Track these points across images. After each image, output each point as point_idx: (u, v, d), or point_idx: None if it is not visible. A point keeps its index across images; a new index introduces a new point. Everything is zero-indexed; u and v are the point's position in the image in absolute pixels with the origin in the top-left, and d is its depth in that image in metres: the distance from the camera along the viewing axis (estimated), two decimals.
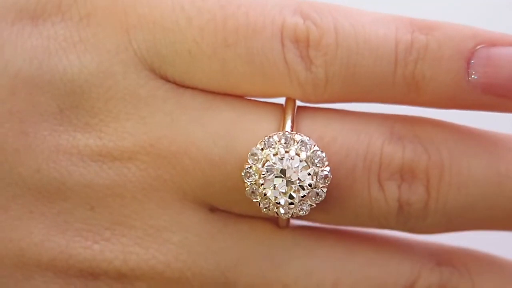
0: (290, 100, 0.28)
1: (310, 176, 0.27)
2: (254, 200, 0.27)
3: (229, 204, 0.28)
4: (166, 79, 0.27)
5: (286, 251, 0.28)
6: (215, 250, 0.28)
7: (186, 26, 0.27)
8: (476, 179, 0.27)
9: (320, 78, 0.27)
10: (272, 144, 0.27)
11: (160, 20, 0.27)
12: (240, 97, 0.28)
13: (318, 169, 0.27)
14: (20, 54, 0.26)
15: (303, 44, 0.27)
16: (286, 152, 0.27)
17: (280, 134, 0.27)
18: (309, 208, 0.27)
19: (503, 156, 0.28)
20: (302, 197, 0.27)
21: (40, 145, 0.27)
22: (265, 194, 0.27)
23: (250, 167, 0.27)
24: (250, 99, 0.28)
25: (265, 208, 0.27)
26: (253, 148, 0.27)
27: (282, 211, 0.27)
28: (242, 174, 0.27)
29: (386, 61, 0.27)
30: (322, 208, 0.28)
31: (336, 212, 0.28)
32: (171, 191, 0.27)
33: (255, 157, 0.27)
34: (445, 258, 0.29)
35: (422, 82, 0.27)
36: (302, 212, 0.27)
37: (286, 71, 0.27)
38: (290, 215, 0.27)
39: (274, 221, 0.29)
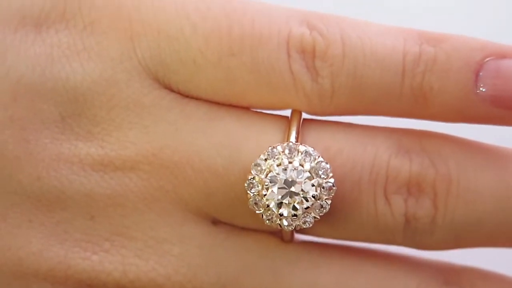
0: (296, 112, 0.28)
1: (314, 187, 0.26)
2: (257, 212, 0.27)
3: (232, 216, 0.27)
4: (170, 89, 0.27)
5: (289, 265, 0.27)
6: (216, 262, 0.27)
7: (191, 34, 0.27)
8: (484, 193, 0.27)
9: (326, 89, 0.27)
10: (276, 155, 0.26)
11: (165, 28, 0.27)
12: (245, 108, 0.28)
13: (322, 181, 0.26)
14: (22, 61, 0.26)
15: (309, 55, 0.27)
16: (290, 162, 0.26)
17: (284, 145, 0.26)
18: (313, 220, 0.27)
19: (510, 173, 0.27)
20: (306, 208, 0.26)
21: (41, 153, 0.26)
22: (268, 206, 0.26)
23: (253, 178, 0.26)
24: (255, 111, 0.28)
25: (268, 220, 0.27)
26: (257, 159, 0.26)
27: (285, 223, 0.26)
28: (245, 185, 0.26)
29: (393, 72, 0.27)
30: (327, 220, 0.27)
31: (341, 225, 0.27)
32: (173, 202, 0.27)
33: (258, 168, 0.26)
34: (452, 277, 0.28)
35: (430, 94, 0.27)
36: (306, 225, 0.27)
37: (291, 82, 0.27)
38: (293, 227, 0.27)
39: (278, 235, 0.28)
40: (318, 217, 0.27)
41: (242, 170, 0.27)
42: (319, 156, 0.26)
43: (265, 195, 0.26)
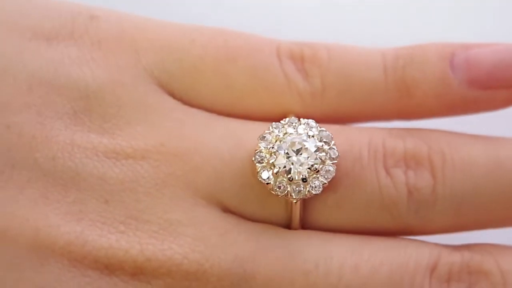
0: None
1: (319, 149, 0.28)
2: (266, 182, 0.28)
3: (241, 202, 0.28)
4: (173, 96, 0.29)
5: (302, 242, 0.28)
6: (231, 242, 0.27)
7: (191, 46, 0.30)
8: (477, 162, 0.28)
9: (317, 87, 0.29)
10: (279, 127, 0.28)
11: (167, 43, 0.30)
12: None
13: (326, 146, 0.28)
14: (37, 60, 0.28)
15: (299, 60, 0.30)
16: (295, 130, 0.28)
17: (286, 119, 0.28)
18: (321, 186, 0.28)
19: (501, 144, 0.29)
20: (314, 171, 0.27)
21: (55, 137, 0.28)
22: (277, 172, 0.27)
23: (260, 151, 0.28)
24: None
25: (278, 188, 0.27)
26: (262, 134, 0.28)
27: (295, 188, 0.27)
28: (253, 159, 0.28)
29: (376, 69, 0.30)
30: (335, 198, 0.28)
31: (348, 203, 0.28)
32: (184, 187, 0.28)
33: (265, 140, 0.28)
34: (462, 247, 0.28)
35: (412, 84, 0.29)
36: (314, 191, 0.27)
37: (285, 82, 0.29)
38: (303, 194, 0.27)
39: (287, 226, 0.28)
40: (326, 182, 0.28)
41: (247, 156, 0.28)
42: (320, 127, 0.28)
43: (273, 161, 0.27)
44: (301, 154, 0.27)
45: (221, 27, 0.31)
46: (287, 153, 0.27)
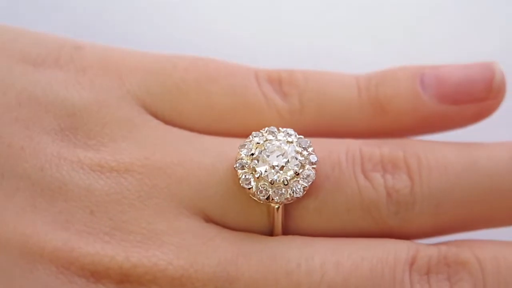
0: None
1: (299, 154, 0.29)
2: (248, 187, 0.28)
3: (224, 211, 0.29)
4: (156, 117, 0.30)
5: (284, 244, 0.28)
6: (214, 249, 0.28)
7: (173, 69, 0.31)
8: (452, 162, 0.30)
9: (295, 105, 0.31)
10: (259, 135, 0.29)
11: (149, 68, 0.31)
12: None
13: (305, 151, 0.29)
14: (25, 79, 0.29)
15: (276, 82, 0.31)
16: (274, 137, 0.29)
17: (266, 128, 0.29)
18: (302, 189, 0.28)
19: (474, 146, 0.30)
20: (295, 174, 0.28)
21: (43, 150, 0.28)
22: (258, 176, 0.28)
23: (242, 158, 0.29)
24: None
25: (260, 192, 0.28)
26: (242, 142, 0.29)
27: (277, 192, 0.28)
28: (235, 166, 0.29)
29: (350, 88, 0.31)
30: (316, 205, 0.29)
31: (329, 207, 0.29)
32: (167, 199, 0.28)
33: (245, 147, 0.29)
34: (438, 242, 0.29)
35: (385, 101, 0.31)
36: (296, 194, 0.28)
37: (264, 101, 0.31)
38: (285, 198, 0.28)
39: (269, 234, 0.29)
40: (307, 185, 0.28)
41: (229, 165, 0.29)
42: (298, 135, 0.29)
43: (254, 166, 0.28)
44: (281, 158, 0.28)
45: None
46: (268, 157, 0.28)
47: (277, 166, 0.28)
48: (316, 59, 0.38)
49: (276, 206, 0.28)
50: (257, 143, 0.29)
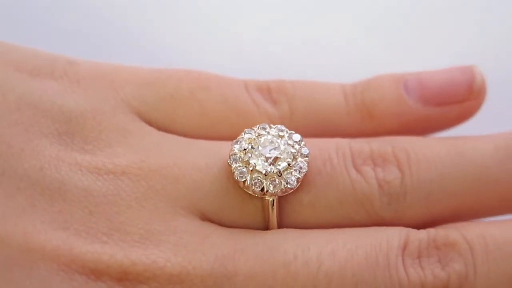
0: None
1: (291, 147, 0.29)
2: (242, 181, 0.29)
3: (219, 208, 0.29)
4: (150, 124, 0.31)
5: (279, 237, 0.29)
6: (211, 245, 0.28)
7: (167, 79, 0.32)
8: (440, 154, 0.30)
9: (285, 112, 0.32)
10: (252, 132, 0.30)
11: (143, 79, 0.32)
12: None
13: (297, 144, 0.29)
14: (23, 86, 0.30)
15: (265, 92, 0.32)
16: (266, 132, 0.30)
17: (258, 125, 0.30)
18: (295, 180, 0.29)
19: (461, 138, 0.31)
20: (288, 165, 0.29)
21: (42, 151, 0.29)
22: (253, 168, 0.29)
23: (235, 153, 0.29)
24: None
25: (254, 184, 0.28)
26: (236, 139, 0.30)
27: (271, 184, 0.28)
28: (228, 161, 0.29)
29: (337, 95, 0.32)
30: (310, 200, 0.29)
31: (322, 200, 0.29)
32: (163, 199, 0.29)
33: (239, 143, 0.29)
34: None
35: (371, 106, 0.32)
36: (289, 185, 0.29)
37: (255, 108, 0.32)
38: (279, 189, 0.29)
39: (265, 229, 0.29)
40: (300, 176, 0.29)
41: (222, 162, 0.30)
42: (289, 130, 0.30)
43: (248, 159, 0.29)
44: (274, 151, 0.29)
45: None
46: (261, 150, 0.29)
47: (270, 158, 0.29)
48: (311, 63, 0.39)
49: (271, 199, 0.29)
50: (249, 138, 0.29)
